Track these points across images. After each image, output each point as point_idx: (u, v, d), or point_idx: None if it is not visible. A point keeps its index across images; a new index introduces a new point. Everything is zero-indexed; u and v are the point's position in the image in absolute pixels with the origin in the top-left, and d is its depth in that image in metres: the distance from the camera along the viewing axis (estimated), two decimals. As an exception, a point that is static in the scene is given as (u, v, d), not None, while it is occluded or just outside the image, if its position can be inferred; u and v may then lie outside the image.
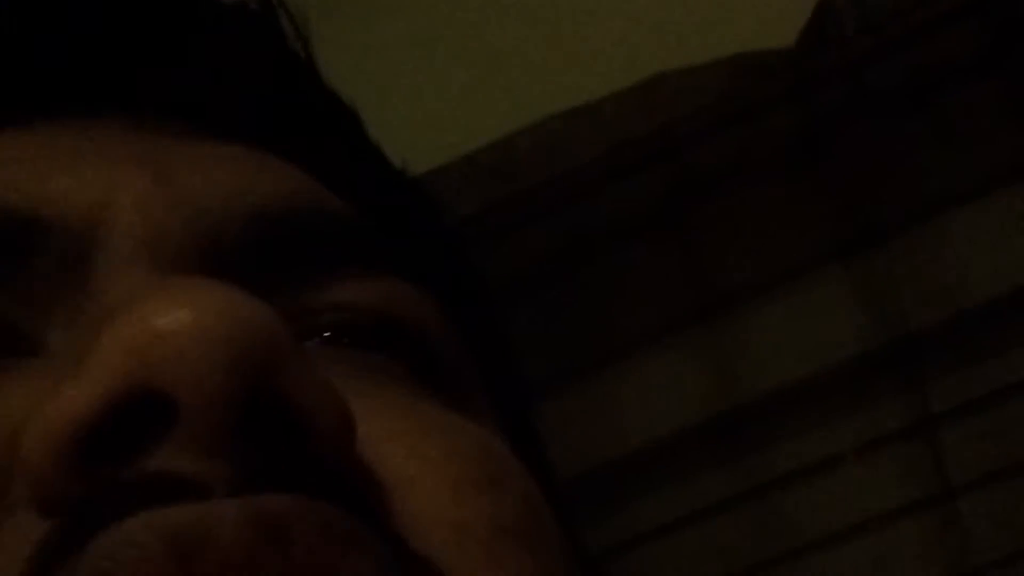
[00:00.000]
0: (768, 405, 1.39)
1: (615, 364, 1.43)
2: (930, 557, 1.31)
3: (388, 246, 0.30)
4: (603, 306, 1.45)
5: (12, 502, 0.23)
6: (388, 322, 0.29)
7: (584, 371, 1.42)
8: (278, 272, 0.28)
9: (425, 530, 0.25)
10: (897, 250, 1.41)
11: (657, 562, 1.35)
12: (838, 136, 1.44)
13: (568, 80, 1.40)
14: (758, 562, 1.33)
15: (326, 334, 0.28)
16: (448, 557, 0.24)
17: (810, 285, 1.42)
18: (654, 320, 1.43)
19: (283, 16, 0.34)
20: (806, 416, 1.38)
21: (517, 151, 1.44)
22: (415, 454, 0.26)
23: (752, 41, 1.44)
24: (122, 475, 0.22)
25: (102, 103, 0.31)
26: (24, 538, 0.22)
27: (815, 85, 1.43)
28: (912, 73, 1.42)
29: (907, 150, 1.42)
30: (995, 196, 1.39)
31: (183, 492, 0.22)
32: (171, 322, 0.22)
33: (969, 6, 1.39)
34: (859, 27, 1.48)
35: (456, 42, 1.39)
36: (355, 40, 1.41)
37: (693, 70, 1.43)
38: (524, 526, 0.26)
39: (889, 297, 1.40)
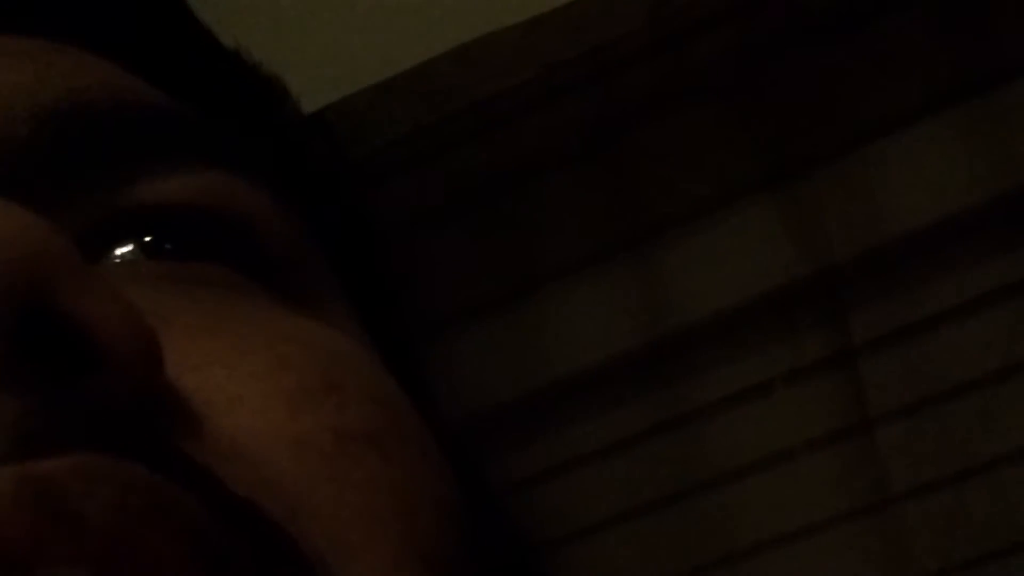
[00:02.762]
0: (693, 335, 1.40)
1: (542, 291, 1.43)
2: (846, 487, 1.34)
3: (208, 136, 0.28)
4: (530, 233, 1.44)
5: None
6: (210, 218, 0.26)
7: (511, 298, 1.42)
8: (77, 175, 0.25)
9: (257, 453, 0.22)
10: (825, 179, 1.41)
11: (580, 490, 1.36)
12: (769, 63, 1.42)
13: (491, 3, 1.37)
14: (679, 491, 1.35)
15: (147, 239, 0.26)
16: (286, 479, 0.22)
17: (739, 214, 1.42)
18: (581, 248, 1.43)
19: None
20: (731, 346, 1.39)
21: (439, 75, 1.41)
22: (240, 371, 0.23)
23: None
24: None
25: None
26: None
27: (747, 10, 1.41)
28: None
29: (839, 78, 1.41)
30: (922, 126, 1.39)
31: None
32: None
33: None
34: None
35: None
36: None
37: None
38: (374, 430, 0.24)
39: (816, 227, 1.41)
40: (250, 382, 0.23)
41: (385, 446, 0.23)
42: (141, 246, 0.26)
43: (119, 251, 0.26)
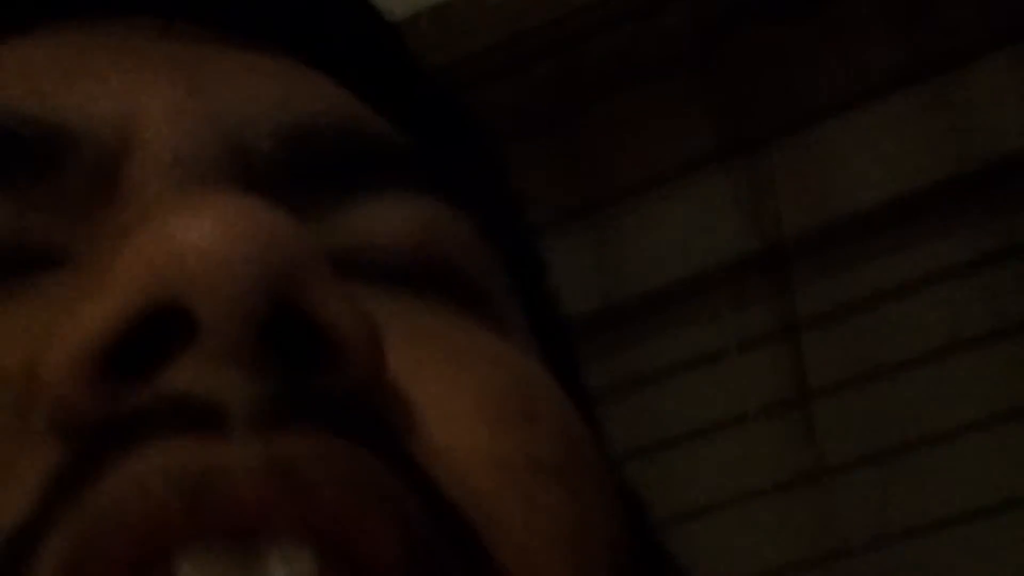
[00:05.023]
0: (647, 302, 1.44)
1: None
2: (785, 457, 1.40)
3: (427, 167, 0.29)
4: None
5: (32, 431, 0.22)
6: (426, 251, 0.28)
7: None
8: (310, 192, 0.27)
9: (461, 465, 0.24)
10: (777, 155, 1.45)
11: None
12: (729, 37, 1.45)
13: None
14: (633, 451, 1.39)
15: (360, 265, 0.27)
16: (484, 494, 0.24)
17: (694, 185, 1.46)
18: (542, 213, 1.45)
19: None
20: (682, 315, 1.44)
21: (414, 34, 1.41)
22: (451, 384, 0.25)
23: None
24: (140, 395, 0.21)
25: (125, 5, 0.29)
26: (42, 464, 0.21)
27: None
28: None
29: (798, 54, 1.44)
30: (874, 106, 1.43)
31: (199, 416, 0.21)
32: (193, 236, 0.22)
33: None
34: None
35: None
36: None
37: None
38: (561, 461, 0.25)
39: (766, 201, 1.44)
40: (460, 397, 0.25)
41: (569, 478, 0.25)
42: (356, 275, 0.27)
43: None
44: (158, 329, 0.22)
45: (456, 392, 0.25)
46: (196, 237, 0.22)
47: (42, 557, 0.21)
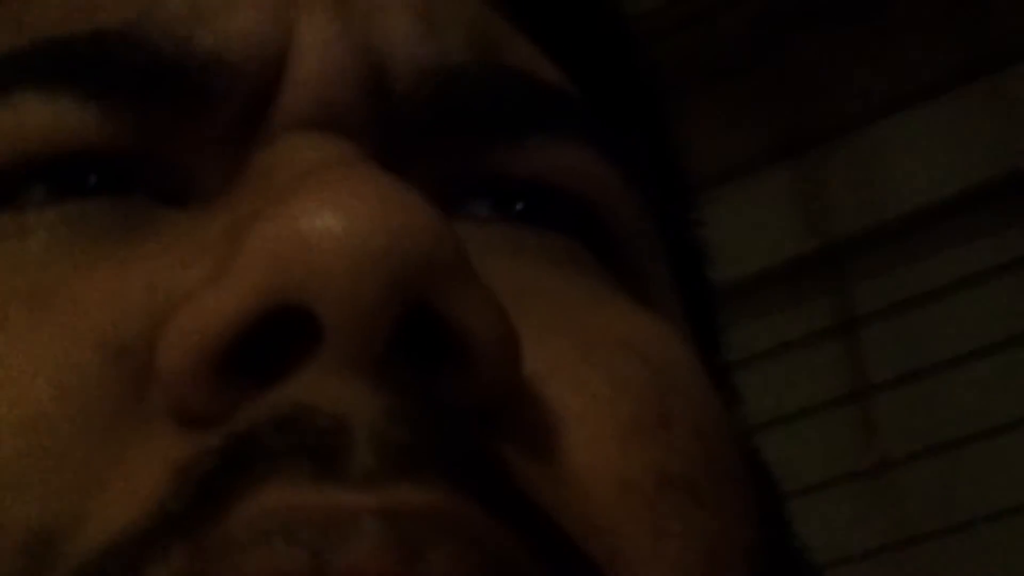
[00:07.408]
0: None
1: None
2: (846, 450, 1.42)
3: (585, 117, 0.27)
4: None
5: (148, 415, 0.21)
6: (569, 196, 0.26)
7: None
8: (458, 133, 0.25)
9: (586, 494, 0.23)
10: (833, 157, 1.48)
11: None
12: (785, 40, 1.47)
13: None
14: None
15: (503, 199, 0.26)
16: (610, 528, 0.23)
17: (750, 186, 1.47)
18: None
19: None
20: (740, 313, 1.45)
21: None
22: (583, 388, 0.23)
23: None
24: (259, 405, 0.20)
25: None
26: (161, 461, 0.21)
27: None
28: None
29: (849, 58, 1.47)
30: (926, 107, 1.45)
31: (320, 437, 0.20)
32: (321, 229, 0.20)
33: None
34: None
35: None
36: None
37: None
38: (695, 473, 0.24)
39: (822, 203, 1.46)
40: (591, 405, 0.23)
41: (701, 491, 0.24)
42: (495, 204, 0.26)
43: (474, 205, 0.26)
44: (280, 327, 0.20)
45: (588, 397, 0.23)
46: (324, 229, 0.20)
47: None
